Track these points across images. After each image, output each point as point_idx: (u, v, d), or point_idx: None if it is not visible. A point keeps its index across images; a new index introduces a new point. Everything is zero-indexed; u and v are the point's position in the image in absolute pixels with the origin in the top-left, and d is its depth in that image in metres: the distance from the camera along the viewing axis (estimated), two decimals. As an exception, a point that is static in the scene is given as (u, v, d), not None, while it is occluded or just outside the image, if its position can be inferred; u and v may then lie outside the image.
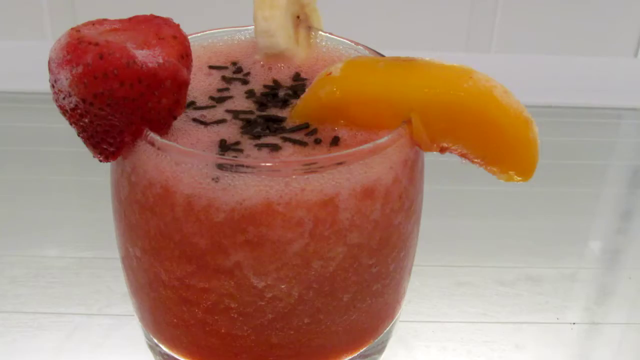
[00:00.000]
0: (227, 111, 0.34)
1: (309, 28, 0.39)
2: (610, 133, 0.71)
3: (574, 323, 0.47)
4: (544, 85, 0.72)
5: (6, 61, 0.71)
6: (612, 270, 0.53)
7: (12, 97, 0.69)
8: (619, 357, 0.46)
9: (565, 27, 0.77)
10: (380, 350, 0.40)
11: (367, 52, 0.38)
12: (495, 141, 0.32)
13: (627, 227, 0.58)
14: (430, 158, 0.36)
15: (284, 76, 0.37)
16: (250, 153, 0.32)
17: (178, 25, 0.31)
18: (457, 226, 0.55)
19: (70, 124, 0.31)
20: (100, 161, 0.33)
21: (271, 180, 0.30)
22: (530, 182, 0.33)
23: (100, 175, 0.39)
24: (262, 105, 0.35)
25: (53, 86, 0.30)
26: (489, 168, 0.33)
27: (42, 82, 0.31)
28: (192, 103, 0.35)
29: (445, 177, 0.45)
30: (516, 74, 0.32)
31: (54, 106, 0.31)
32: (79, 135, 0.32)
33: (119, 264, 0.38)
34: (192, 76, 0.32)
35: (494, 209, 0.57)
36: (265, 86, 0.37)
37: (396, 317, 0.39)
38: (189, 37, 0.32)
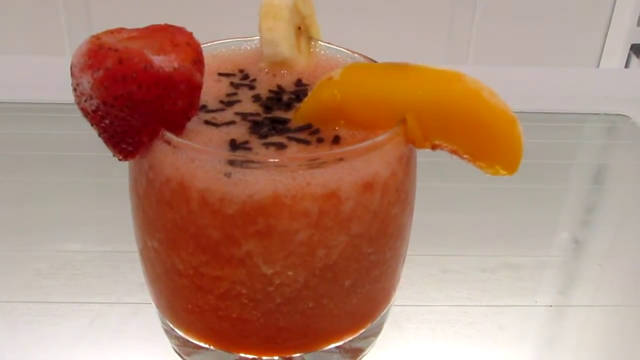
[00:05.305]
0: (236, 113, 0.33)
1: (309, 38, 0.38)
2: (576, 135, 0.70)
3: (550, 305, 0.46)
4: (516, 94, 0.71)
5: (31, 74, 0.70)
6: (581, 257, 0.53)
7: (36, 107, 0.67)
8: (592, 335, 0.45)
9: (534, 42, 0.76)
10: (377, 332, 0.39)
11: (362, 59, 0.37)
12: (483, 138, 0.31)
13: (591, 219, 0.57)
14: (421, 158, 0.35)
15: (287, 82, 0.36)
16: (259, 151, 0.31)
17: (191, 33, 0.30)
18: (444, 219, 0.54)
19: (92, 125, 0.30)
20: (120, 160, 0.32)
21: (279, 174, 0.29)
22: (507, 179, 0.33)
23: (117, 177, 0.38)
24: (267, 108, 0.34)
25: (75, 90, 0.29)
26: (476, 163, 0.32)
27: (65, 94, 0.30)
28: (204, 107, 0.34)
29: (433, 176, 0.45)
30: (490, 83, 0.31)
31: (75, 115, 0.30)
32: (100, 136, 0.30)
33: (135, 257, 0.37)
34: (203, 82, 0.31)
35: (476, 204, 0.56)
36: (270, 91, 0.35)
37: (391, 301, 0.38)
38: (200, 46, 0.31)
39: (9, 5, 0.72)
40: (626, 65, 0.79)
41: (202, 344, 0.36)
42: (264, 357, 0.35)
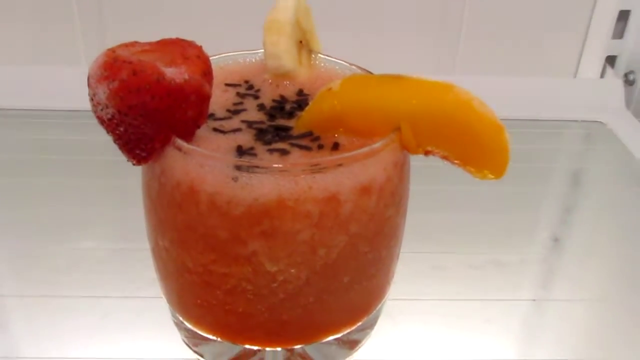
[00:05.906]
0: (242, 121, 0.33)
1: (310, 51, 0.38)
2: (555, 141, 0.70)
3: (534, 299, 0.46)
4: (499, 101, 0.71)
5: (52, 83, 0.69)
6: (561, 254, 0.53)
7: (57, 114, 0.67)
8: (572, 327, 0.45)
9: (517, 53, 0.76)
10: (372, 325, 0.39)
11: (359, 70, 0.37)
12: (473, 145, 0.31)
13: (570, 219, 0.57)
14: (414, 163, 0.35)
15: (290, 92, 0.36)
16: (263, 157, 0.30)
17: (201, 47, 0.30)
18: (435, 220, 0.54)
19: (107, 133, 0.30)
20: (134, 164, 0.31)
21: (283, 179, 0.29)
22: (492, 182, 0.32)
23: (130, 179, 0.38)
24: (271, 116, 0.34)
25: (92, 99, 0.28)
26: (466, 168, 0.32)
27: (83, 102, 0.30)
28: (212, 115, 0.33)
29: (425, 179, 0.45)
30: (476, 92, 0.31)
31: (92, 122, 0.30)
32: (115, 142, 0.30)
33: (147, 254, 0.37)
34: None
35: (463, 206, 0.56)
36: (273, 100, 0.35)
37: (386, 296, 0.38)
38: (208, 58, 0.31)
39: (26, 19, 0.72)
40: (602, 76, 0.79)
41: (209, 336, 0.36)
42: (267, 348, 0.35)
